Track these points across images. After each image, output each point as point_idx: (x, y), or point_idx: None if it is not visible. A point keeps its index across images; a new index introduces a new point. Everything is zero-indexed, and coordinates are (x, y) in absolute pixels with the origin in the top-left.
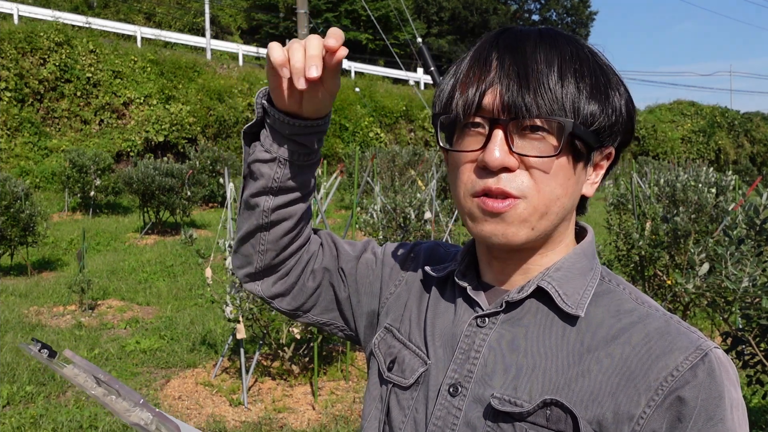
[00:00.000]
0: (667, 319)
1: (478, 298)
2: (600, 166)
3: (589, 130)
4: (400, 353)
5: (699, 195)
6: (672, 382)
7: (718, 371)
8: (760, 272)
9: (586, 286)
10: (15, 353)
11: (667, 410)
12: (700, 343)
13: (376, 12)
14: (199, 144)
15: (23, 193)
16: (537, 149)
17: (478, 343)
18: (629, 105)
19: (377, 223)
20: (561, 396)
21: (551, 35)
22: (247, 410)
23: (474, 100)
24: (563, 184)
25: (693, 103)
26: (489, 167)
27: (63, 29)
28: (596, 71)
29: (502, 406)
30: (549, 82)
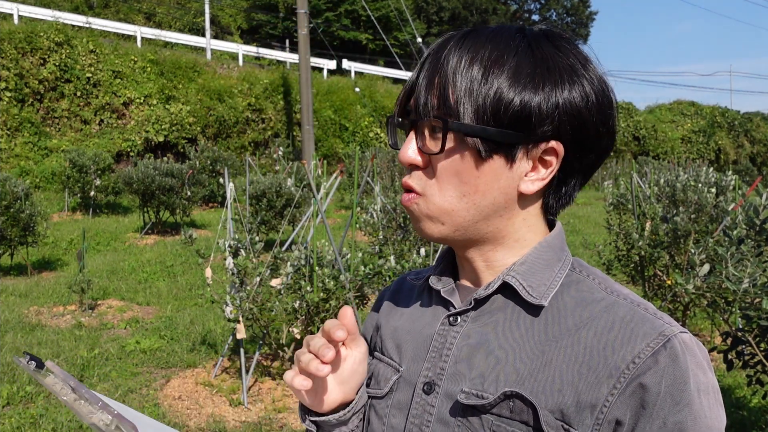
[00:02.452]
0: (633, 307)
1: (451, 297)
2: (545, 161)
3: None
4: (376, 368)
5: (699, 195)
6: (634, 369)
7: (682, 356)
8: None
9: (554, 278)
10: (15, 353)
11: (630, 397)
12: (663, 329)
13: (376, 12)
14: (199, 144)
15: (23, 193)
16: (434, 147)
17: (450, 341)
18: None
19: (377, 223)
20: (524, 387)
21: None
22: (247, 410)
23: (401, 102)
24: (468, 181)
25: (693, 103)
26: (401, 164)
27: (63, 29)
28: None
29: (468, 399)
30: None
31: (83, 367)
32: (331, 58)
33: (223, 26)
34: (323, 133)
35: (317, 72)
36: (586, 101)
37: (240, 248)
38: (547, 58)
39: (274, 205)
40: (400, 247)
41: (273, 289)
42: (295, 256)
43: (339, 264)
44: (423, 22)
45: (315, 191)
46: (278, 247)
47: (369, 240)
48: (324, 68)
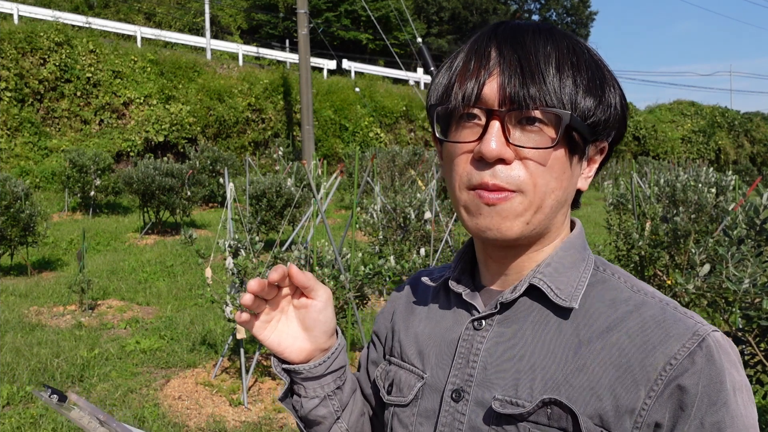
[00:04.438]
0: (663, 306)
1: (473, 301)
2: (594, 160)
3: (585, 124)
4: (396, 375)
5: (699, 195)
6: (671, 371)
7: (717, 355)
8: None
9: (579, 278)
10: (15, 353)
11: (668, 400)
12: (696, 329)
13: (376, 12)
14: (199, 144)
15: (23, 193)
16: (534, 141)
17: (476, 346)
18: (623, 101)
19: (377, 223)
20: (561, 393)
21: (548, 29)
22: (247, 410)
23: (474, 91)
24: (558, 177)
25: (693, 103)
26: (485, 158)
27: (63, 29)
28: (592, 66)
29: (503, 408)
30: (548, 74)
31: (83, 367)
32: (331, 58)
33: (223, 26)
34: (323, 133)
35: (317, 72)
36: (625, 102)
37: (240, 248)
38: (600, 62)
39: (274, 205)
40: (400, 247)
41: None
42: (295, 256)
43: (339, 264)
44: (423, 22)
45: (315, 191)
46: (278, 247)
47: (369, 240)
48: (324, 68)
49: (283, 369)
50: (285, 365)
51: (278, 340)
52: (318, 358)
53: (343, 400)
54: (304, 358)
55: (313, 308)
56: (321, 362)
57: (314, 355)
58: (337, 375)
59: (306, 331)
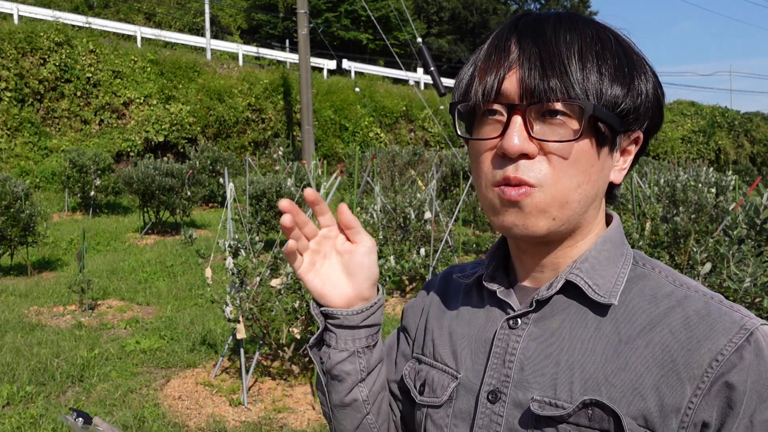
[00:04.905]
0: (707, 299)
1: (508, 299)
2: (628, 151)
3: (613, 114)
4: (429, 374)
5: (699, 195)
6: (717, 367)
7: (767, 350)
8: (761, 272)
9: (618, 274)
10: (15, 353)
11: (716, 397)
12: (744, 323)
13: (376, 12)
14: (199, 144)
15: (23, 193)
16: (557, 134)
17: (512, 346)
18: (657, 88)
19: (377, 223)
20: (602, 393)
21: (570, 18)
22: (247, 410)
23: (493, 86)
24: (585, 170)
25: (693, 103)
26: (508, 154)
27: (63, 29)
28: (619, 53)
29: (542, 410)
30: (569, 64)
31: (83, 367)
32: (331, 58)
33: (223, 26)
34: (323, 133)
35: (317, 72)
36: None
37: (240, 248)
38: (629, 48)
39: (274, 205)
40: (400, 247)
41: (273, 289)
42: None
43: None
44: (423, 22)
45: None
46: (278, 247)
47: None
48: (324, 68)
49: (321, 312)
50: (323, 308)
51: (321, 283)
52: (357, 306)
53: (371, 362)
54: (345, 304)
55: (357, 251)
56: (359, 310)
57: (354, 303)
58: (371, 331)
59: (350, 276)
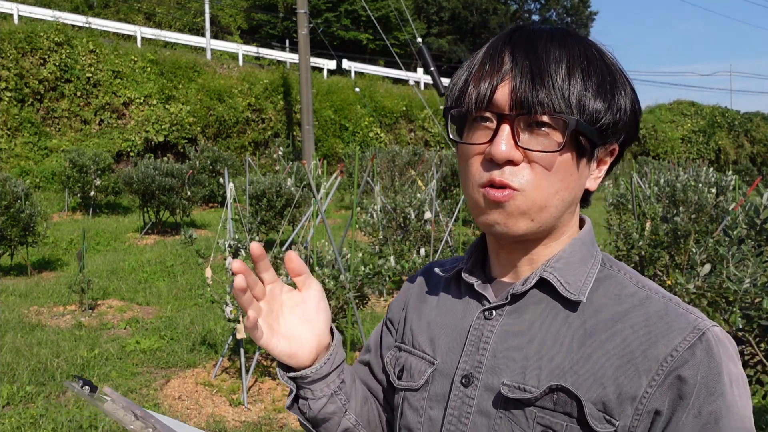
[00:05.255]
0: (666, 301)
1: (485, 292)
2: (603, 161)
3: (594, 128)
4: (407, 361)
5: (699, 195)
6: (672, 362)
7: (716, 349)
8: (761, 272)
9: (587, 273)
10: (15, 353)
11: (669, 389)
12: (697, 323)
13: (376, 12)
14: (199, 144)
15: (23, 193)
16: (542, 144)
17: (486, 335)
18: (634, 104)
19: (377, 223)
20: (566, 380)
21: (562, 34)
22: (247, 410)
23: (486, 95)
24: (564, 179)
25: (693, 103)
26: (495, 160)
27: (63, 29)
28: (603, 70)
29: (511, 393)
30: (557, 79)
31: (83, 367)
32: (331, 58)
33: (223, 26)
34: (323, 133)
35: (317, 72)
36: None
37: (240, 248)
38: (612, 65)
39: (274, 205)
40: (400, 247)
41: None
42: None
43: (339, 264)
44: (423, 22)
45: (315, 191)
46: (278, 247)
47: (369, 240)
48: (324, 68)
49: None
50: (291, 374)
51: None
52: (321, 359)
53: (348, 392)
54: (313, 356)
55: (311, 298)
56: (325, 361)
57: (320, 351)
58: (339, 370)
59: (308, 323)
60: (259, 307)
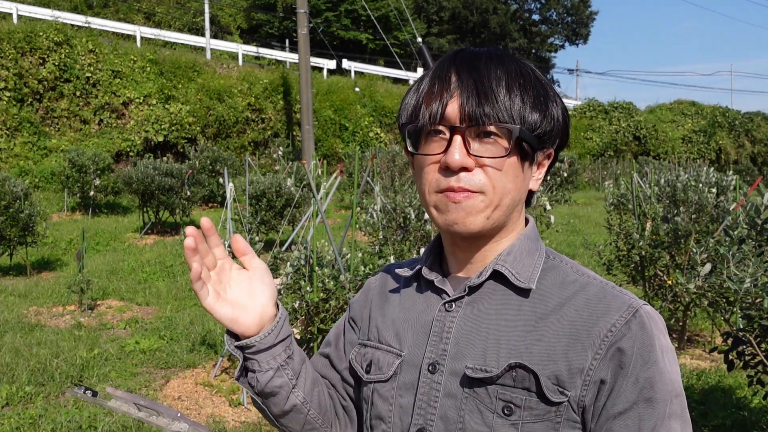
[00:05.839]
0: (603, 285)
1: (444, 286)
2: (542, 164)
3: (533, 135)
4: (374, 355)
5: (699, 195)
6: (611, 336)
7: (648, 324)
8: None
9: (534, 264)
10: (14, 353)
11: (610, 360)
12: (631, 302)
13: (376, 12)
14: (199, 144)
15: (22, 193)
16: (490, 151)
17: (448, 325)
18: (564, 113)
19: (377, 223)
20: (523, 359)
21: (498, 55)
22: (247, 410)
23: (438, 111)
24: (512, 180)
25: (694, 102)
26: (451, 167)
27: (62, 29)
28: (537, 86)
29: (475, 374)
30: (499, 94)
31: (82, 368)
32: (331, 58)
33: (222, 26)
34: (323, 133)
35: (317, 72)
36: (567, 114)
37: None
38: (543, 81)
39: (274, 205)
40: (399, 247)
41: None
42: (295, 256)
43: (339, 264)
44: (423, 22)
45: (315, 191)
46: (278, 247)
47: (369, 240)
48: (324, 68)
49: (236, 346)
50: (237, 342)
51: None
52: (266, 328)
53: (296, 368)
54: (256, 325)
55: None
56: (270, 331)
57: (264, 323)
58: (285, 344)
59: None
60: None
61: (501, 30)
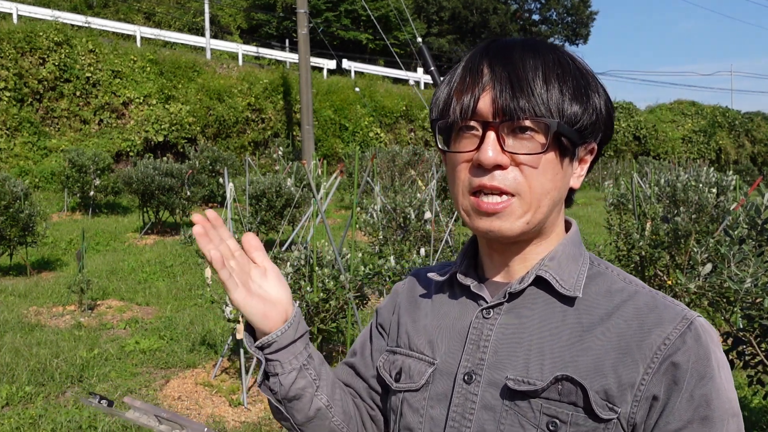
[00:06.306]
0: (653, 294)
1: (481, 292)
2: (584, 160)
3: (573, 129)
4: (404, 363)
5: (699, 195)
6: (665, 350)
7: (704, 336)
8: (762, 272)
9: (579, 271)
10: (14, 353)
11: (664, 375)
12: (685, 314)
13: (376, 12)
14: (199, 144)
15: (22, 193)
16: (526, 147)
17: (486, 333)
18: (608, 104)
19: (377, 223)
20: (569, 371)
21: (534, 44)
22: (247, 410)
23: (469, 106)
24: (552, 178)
25: (694, 102)
26: (483, 165)
27: (62, 29)
28: (577, 75)
29: (517, 386)
30: (535, 86)
31: (82, 368)
32: (331, 58)
33: (222, 26)
34: (323, 133)
35: (317, 72)
36: (611, 105)
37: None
38: (584, 69)
39: (274, 205)
40: (399, 247)
41: None
42: (295, 256)
43: (339, 264)
44: (423, 22)
45: (315, 191)
46: (278, 247)
47: (369, 240)
48: (324, 68)
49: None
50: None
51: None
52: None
53: (318, 368)
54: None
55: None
56: (289, 325)
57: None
58: (305, 341)
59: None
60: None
61: (501, 30)
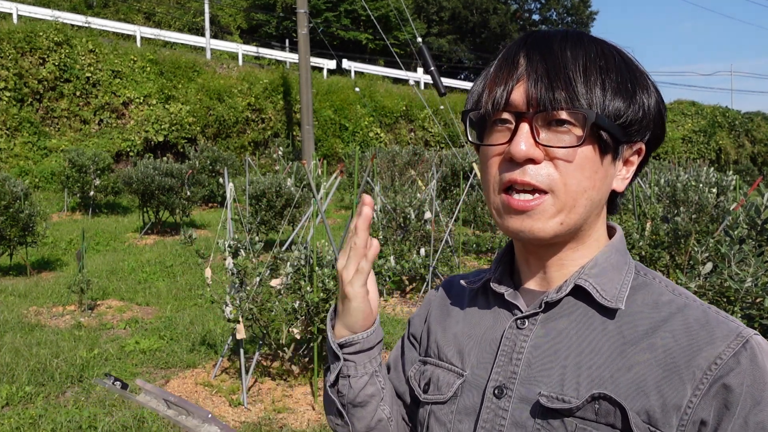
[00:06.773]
0: (705, 309)
1: (516, 301)
2: (630, 161)
3: (615, 124)
4: (434, 374)
5: (699, 195)
6: (716, 370)
7: (760, 357)
8: (763, 272)
9: (623, 281)
10: (14, 353)
11: (714, 398)
12: (740, 331)
13: (376, 12)
14: (199, 144)
15: (22, 193)
16: (562, 141)
17: (520, 345)
18: (659, 103)
19: (377, 223)
20: (608, 389)
21: (577, 35)
22: (247, 410)
23: (502, 96)
24: (590, 176)
25: (694, 102)
26: (515, 158)
27: (62, 29)
28: (622, 69)
29: (550, 403)
30: (574, 77)
31: (82, 368)
32: (331, 58)
33: (222, 26)
34: (323, 133)
35: (317, 72)
36: (663, 105)
37: (240, 248)
38: (632, 64)
39: (274, 205)
40: (400, 247)
41: (273, 289)
42: (295, 256)
43: None
44: (423, 22)
45: (315, 191)
46: (278, 247)
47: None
48: (324, 68)
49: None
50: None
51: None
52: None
53: (385, 378)
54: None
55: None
56: (374, 329)
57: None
58: (380, 347)
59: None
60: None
61: (501, 30)
